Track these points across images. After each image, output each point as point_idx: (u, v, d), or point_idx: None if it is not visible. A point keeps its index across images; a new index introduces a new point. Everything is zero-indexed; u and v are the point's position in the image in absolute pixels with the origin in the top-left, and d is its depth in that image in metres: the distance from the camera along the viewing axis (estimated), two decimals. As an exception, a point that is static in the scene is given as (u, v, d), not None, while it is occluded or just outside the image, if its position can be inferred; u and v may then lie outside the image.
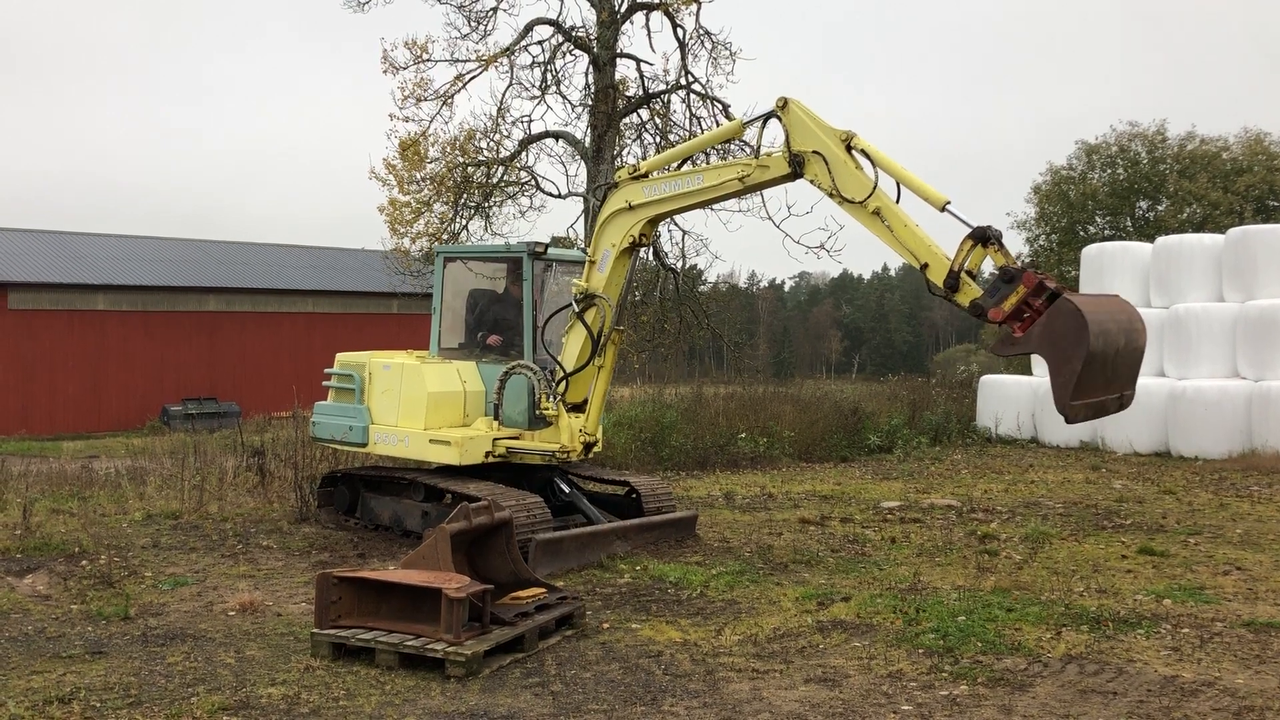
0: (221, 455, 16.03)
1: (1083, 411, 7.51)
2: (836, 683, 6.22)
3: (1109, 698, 5.94)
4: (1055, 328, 7.38)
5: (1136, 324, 7.96)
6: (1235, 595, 8.31)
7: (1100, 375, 7.47)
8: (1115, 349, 7.54)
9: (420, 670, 6.36)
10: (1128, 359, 7.80)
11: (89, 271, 33.23)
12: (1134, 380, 8.11)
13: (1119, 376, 7.78)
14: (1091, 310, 7.37)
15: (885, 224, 8.41)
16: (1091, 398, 7.53)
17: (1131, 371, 7.98)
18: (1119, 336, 7.60)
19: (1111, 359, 7.53)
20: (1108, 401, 7.86)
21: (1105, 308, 7.74)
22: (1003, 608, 7.74)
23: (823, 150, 8.74)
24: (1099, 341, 7.27)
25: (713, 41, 22.15)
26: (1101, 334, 7.33)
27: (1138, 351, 7.94)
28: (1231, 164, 33.03)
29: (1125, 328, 7.73)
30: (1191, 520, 11.74)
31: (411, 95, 22.36)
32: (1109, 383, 7.68)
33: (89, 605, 8.04)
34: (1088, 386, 7.37)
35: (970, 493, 13.92)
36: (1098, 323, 7.31)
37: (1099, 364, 7.36)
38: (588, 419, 10.11)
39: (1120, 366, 7.72)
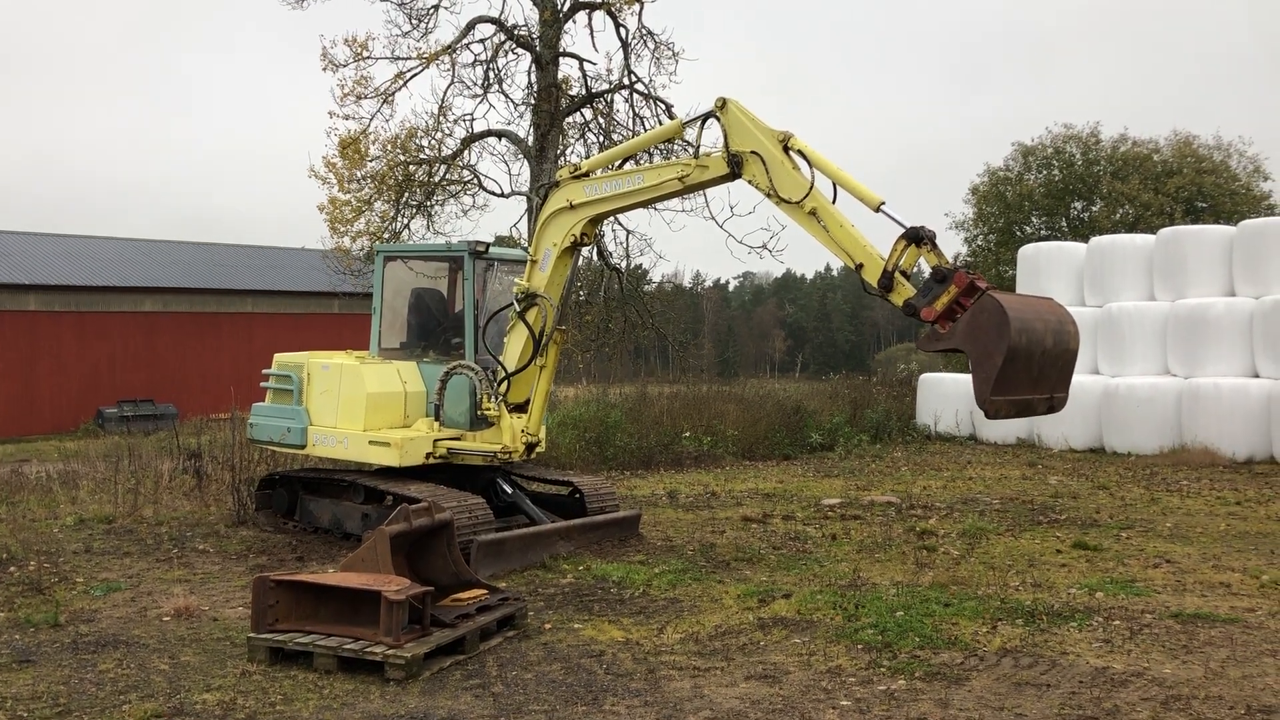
0: (157, 458, 15.74)
1: (1004, 408, 7.45)
2: (777, 679, 6.27)
3: (1043, 689, 6.05)
4: (978, 323, 7.38)
5: (1068, 327, 7.90)
6: (1164, 588, 8.51)
7: (1024, 373, 7.42)
8: (1042, 348, 7.52)
9: (359, 673, 6.30)
10: (1057, 360, 7.75)
11: (19, 271, 32.42)
12: (1066, 383, 8.05)
13: (1047, 377, 7.73)
14: (1016, 308, 7.37)
15: (821, 224, 8.45)
16: (1014, 395, 7.46)
17: (1062, 374, 7.92)
18: (1046, 337, 7.56)
19: (1037, 358, 7.49)
20: (1035, 401, 7.78)
21: (1033, 307, 7.73)
22: (940, 603, 7.85)
23: (760, 150, 8.78)
24: (1021, 338, 7.24)
25: (655, 41, 22.16)
26: (1025, 331, 7.30)
27: (1068, 354, 7.89)
28: (1162, 166, 33.78)
29: (1055, 329, 7.69)
30: (1124, 515, 12.00)
31: (351, 93, 22.10)
32: (1035, 382, 7.62)
33: (17, 613, 7.85)
34: (1009, 383, 7.32)
35: (909, 489, 14.10)
36: (1021, 320, 7.29)
37: (1022, 361, 7.32)
38: (530, 419, 10.07)
39: (1048, 367, 7.68)
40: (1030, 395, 7.68)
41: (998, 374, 7.20)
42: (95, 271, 34.00)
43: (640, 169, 9.89)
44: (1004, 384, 7.28)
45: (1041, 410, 7.96)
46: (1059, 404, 8.10)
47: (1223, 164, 34.00)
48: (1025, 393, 7.59)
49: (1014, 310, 7.29)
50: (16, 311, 31.59)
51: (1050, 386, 7.85)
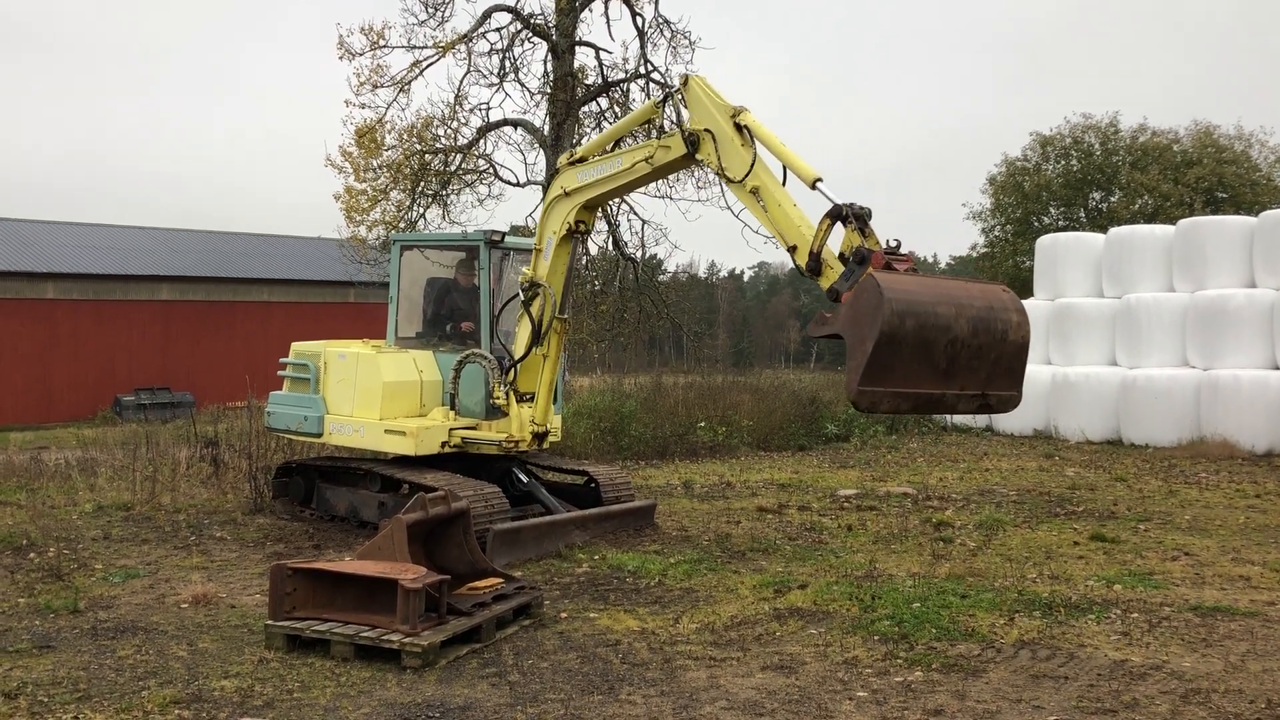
0: (175, 446, 15.83)
1: (883, 400, 6.69)
2: (793, 670, 6.26)
3: (1060, 682, 6.02)
4: (857, 306, 6.69)
5: (1007, 315, 7.04)
6: (1183, 580, 8.46)
7: (915, 363, 6.65)
8: (949, 337, 6.74)
9: (376, 661, 6.32)
10: (985, 353, 6.93)
11: (38, 259, 32.61)
12: (1010, 378, 7.14)
13: (968, 370, 6.89)
14: (903, 289, 6.61)
15: (761, 204, 8.10)
16: (896, 386, 6.68)
17: (998, 368, 7.03)
18: (958, 324, 6.76)
19: (941, 348, 6.72)
20: (943, 396, 6.95)
21: (942, 291, 6.88)
22: (957, 594, 7.82)
23: (713, 128, 8.48)
24: (904, 323, 6.52)
25: (672, 30, 22.12)
26: (913, 315, 6.56)
27: (1005, 346, 7.01)
28: (1182, 156, 33.56)
29: (977, 317, 6.87)
30: (1142, 507, 11.94)
31: (368, 82, 22.14)
32: (943, 374, 6.82)
33: (37, 599, 7.90)
34: (886, 373, 6.59)
35: (926, 481, 14.06)
36: (908, 303, 6.55)
37: (909, 349, 6.59)
38: (536, 408, 10.03)
39: (970, 359, 6.85)
40: (930, 389, 6.84)
41: (867, 361, 6.50)
42: (112, 260, 34.16)
43: (618, 153, 9.70)
44: (878, 373, 6.56)
45: (963, 408, 7.14)
46: (1000, 402, 7.21)
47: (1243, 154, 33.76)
48: (919, 385, 6.78)
49: (897, 292, 6.56)
50: (35, 300, 31.79)
51: (978, 381, 7.00)
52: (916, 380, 6.75)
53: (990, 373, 7.04)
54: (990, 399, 7.17)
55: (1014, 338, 7.07)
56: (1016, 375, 7.24)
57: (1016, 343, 7.09)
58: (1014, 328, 7.07)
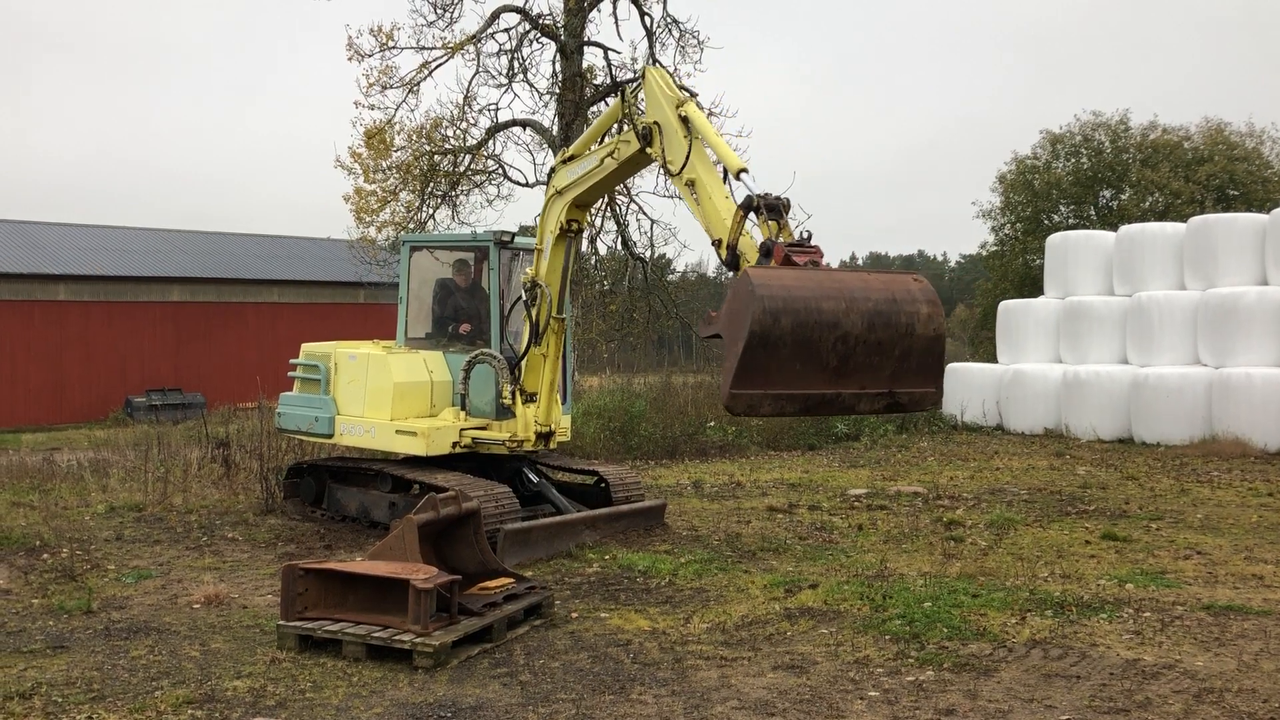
0: (186, 447, 15.89)
1: (763, 403, 6.24)
2: (804, 669, 6.25)
3: (1072, 681, 6.01)
4: (732, 304, 6.23)
5: (915, 309, 6.46)
6: (1196, 579, 8.43)
7: (791, 362, 6.17)
8: (838, 333, 6.23)
9: (388, 661, 6.33)
10: (888, 349, 6.41)
11: (49, 261, 32.74)
12: (906, 376, 6.52)
13: (856, 369, 6.36)
14: (780, 284, 6.15)
15: (695, 196, 7.83)
16: (774, 388, 6.20)
17: (906, 365, 6.49)
18: (851, 320, 6.25)
19: (830, 346, 6.23)
20: (839, 396, 6.43)
21: (831, 285, 6.33)
22: (968, 593, 7.81)
23: (660, 119, 8.29)
24: (778, 321, 6.04)
25: (680, 30, 22.14)
26: (785, 313, 6.06)
27: (912, 341, 6.46)
28: (1193, 154, 33.40)
29: (875, 313, 6.34)
30: (1153, 506, 11.89)
31: (377, 83, 22.21)
32: (835, 374, 6.32)
33: (50, 599, 7.94)
34: (761, 374, 6.15)
35: (936, 480, 14.03)
36: (779, 299, 6.07)
37: (789, 349, 6.12)
38: (539, 408, 10.02)
39: (858, 357, 6.34)
40: (820, 390, 6.35)
41: (738, 362, 6.07)
42: (124, 261, 34.28)
43: (594, 150, 9.56)
44: (752, 374, 6.11)
45: (866, 408, 6.61)
46: (914, 401, 6.66)
47: (1255, 151, 33.59)
48: (805, 386, 6.30)
49: (772, 288, 6.10)
50: (47, 301, 31.92)
51: (883, 380, 6.48)
52: (802, 381, 6.27)
53: (897, 370, 6.50)
54: (900, 398, 6.60)
55: (923, 331, 6.49)
56: (931, 371, 6.65)
57: (927, 337, 6.51)
58: (922, 320, 6.49)
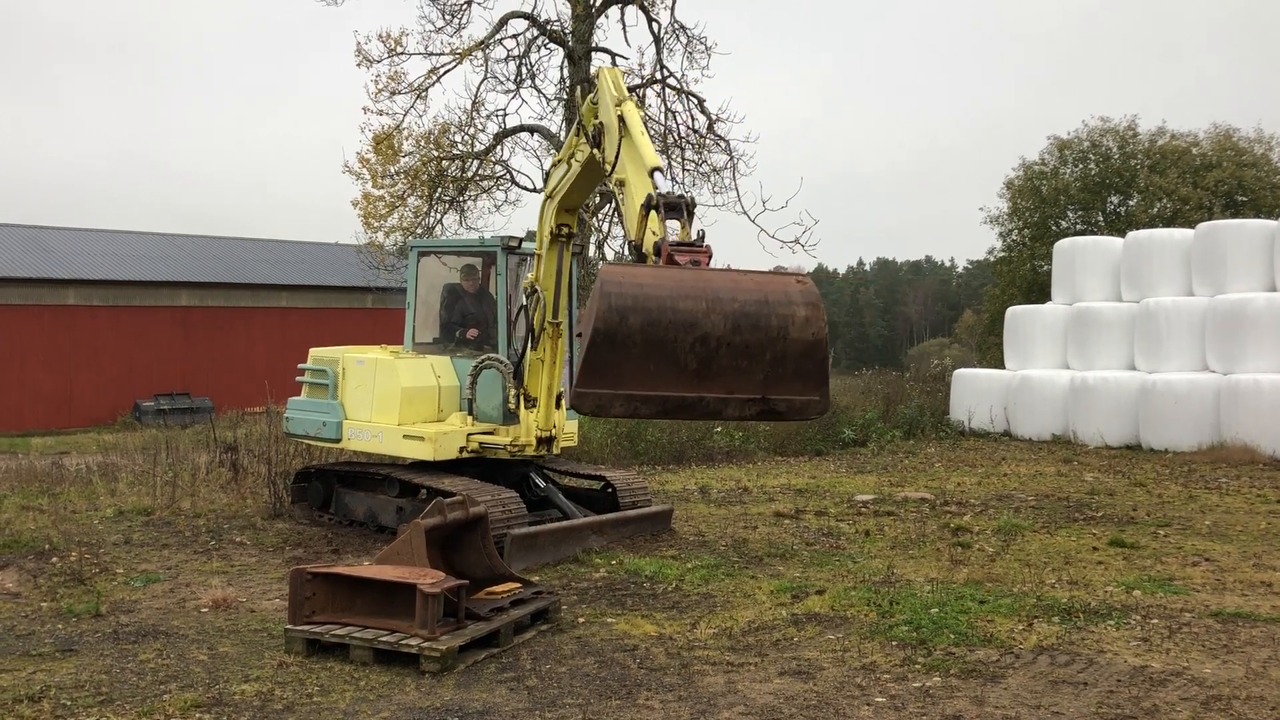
0: (194, 451, 15.94)
1: (612, 404, 6.03)
2: (811, 675, 6.25)
3: (1080, 688, 6.00)
4: (590, 302, 6.07)
5: (782, 310, 6.11)
6: (1204, 586, 8.41)
7: (643, 362, 5.94)
8: (697, 334, 5.97)
9: (395, 666, 6.35)
10: (746, 352, 6.08)
11: (59, 266, 32.88)
12: (781, 382, 6.15)
13: (720, 372, 6.07)
14: (631, 282, 5.97)
15: (622, 196, 7.71)
16: (625, 389, 5.98)
17: (764, 369, 6.16)
18: (713, 321, 5.97)
19: (689, 346, 5.98)
20: (704, 400, 6.14)
21: (687, 284, 6.08)
22: (975, 600, 7.80)
23: (605, 120, 8.19)
24: (624, 319, 5.86)
25: (688, 36, 22.17)
26: (635, 311, 5.87)
27: (774, 344, 6.11)
28: (1201, 159, 33.35)
29: (740, 313, 6.04)
30: (1161, 512, 11.87)
31: (385, 88, 22.27)
32: (684, 375, 6.04)
33: (59, 602, 7.97)
34: (610, 374, 5.93)
35: (943, 486, 14.01)
36: (629, 297, 5.89)
37: (635, 348, 5.91)
38: (539, 413, 10.02)
39: (722, 359, 6.05)
40: (679, 392, 6.08)
41: (583, 360, 5.93)
42: (132, 266, 34.42)
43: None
44: (599, 373, 5.92)
45: (734, 414, 6.30)
46: (792, 408, 6.28)
47: (1263, 157, 33.52)
48: (662, 388, 6.05)
49: (625, 286, 5.94)
50: (56, 306, 32.06)
51: (753, 384, 6.16)
52: (657, 382, 6.02)
53: (771, 375, 6.15)
54: (777, 405, 6.25)
55: (798, 335, 6.12)
56: (811, 377, 6.24)
57: (804, 341, 6.13)
58: (797, 323, 6.12)
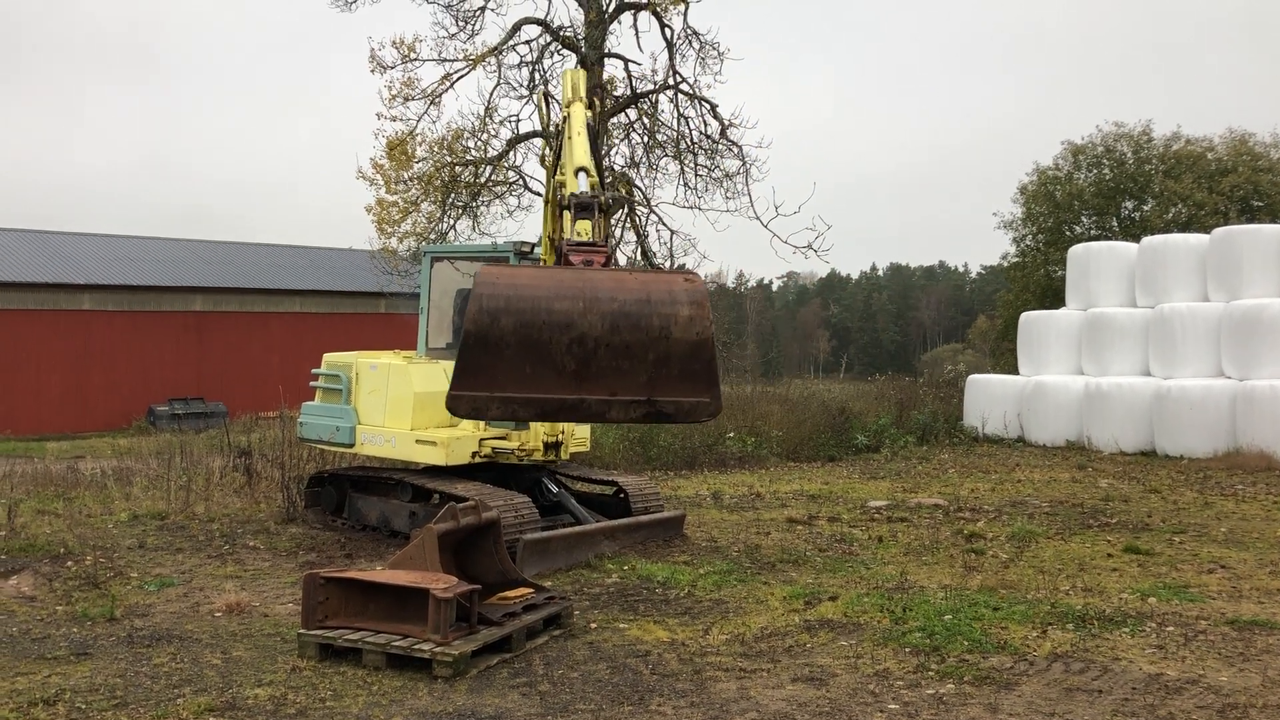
0: (208, 455, 15.99)
1: (489, 406, 5.90)
2: (823, 682, 6.24)
3: (1094, 696, 5.97)
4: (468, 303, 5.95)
5: (664, 310, 5.88)
6: (1220, 593, 8.36)
7: (519, 364, 5.80)
8: (572, 335, 5.79)
9: (407, 670, 6.35)
10: (626, 353, 5.86)
11: (74, 271, 33.08)
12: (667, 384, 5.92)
13: (601, 374, 5.87)
14: (505, 283, 5.87)
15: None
16: (501, 391, 5.84)
17: (648, 371, 5.90)
18: (585, 321, 5.80)
19: (565, 347, 5.81)
20: (585, 403, 5.95)
21: (566, 283, 5.93)
22: (989, 606, 7.77)
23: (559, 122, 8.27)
24: (495, 320, 5.76)
25: (700, 41, 22.18)
26: (507, 312, 5.76)
27: (656, 345, 5.87)
28: (1216, 164, 33.19)
29: (619, 313, 5.85)
30: (1177, 519, 11.80)
31: (399, 95, 22.33)
32: (562, 376, 5.86)
33: (74, 606, 8.00)
34: (485, 375, 5.81)
35: (957, 492, 13.97)
36: (501, 298, 5.79)
37: (509, 349, 5.79)
38: None
39: (602, 361, 5.85)
40: (557, 394, 5.91)
41: (457, 362, 5.80)
42: (147, 271, 34.61)
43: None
44: (474, 375, 5.81)
45: (619, 416, 6.09)
46: (681, 411, 6.02)
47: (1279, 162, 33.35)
48: (539, 389, 5.89)
49: (499, 286, 5.84)
50: (72, 311, 32.26)
51: (637, 386, 5.92)
52: (534, 384, 5.86)
53: (655, 376, 5.91)
54: (664, 407, 5.99)
55: (682, 335, 5.87)
56: (699, 378, 5.95)
57: (688, 341, 5.87)
58: (680, 323, 5.86)
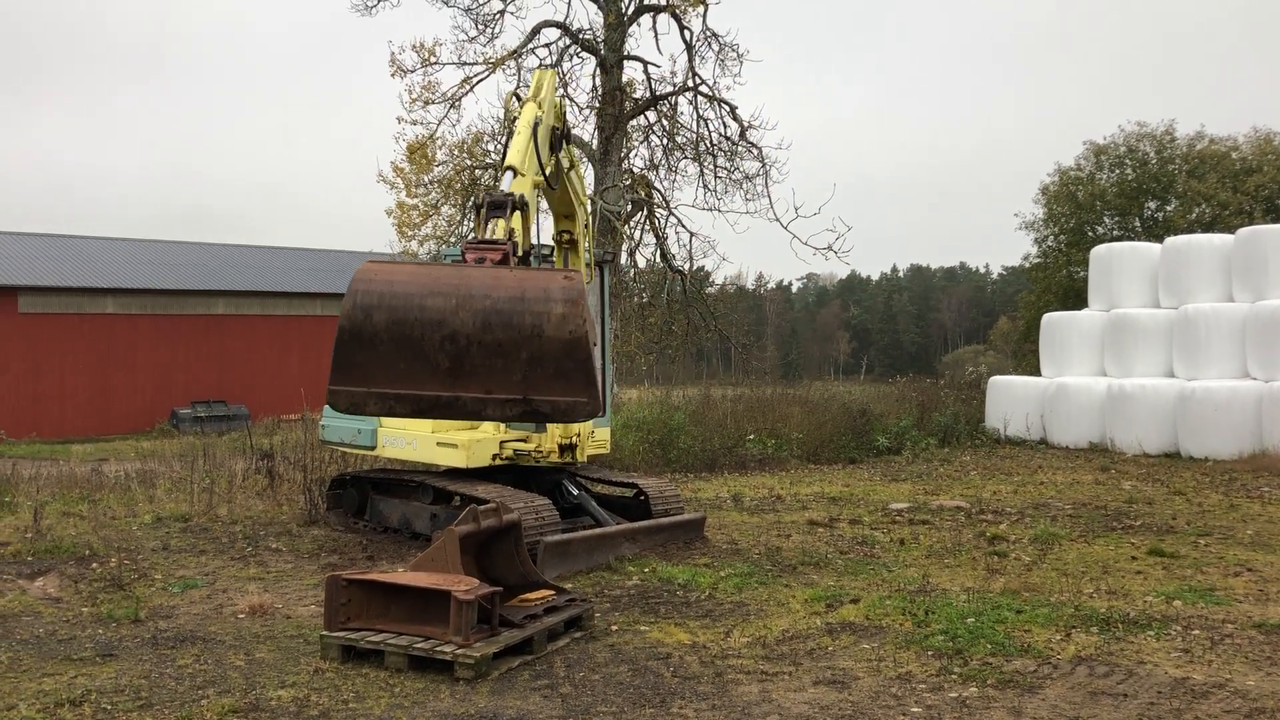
0: (231, 458, 16.08)
1: (367, 402, 5.92)
2: (846, 685, 6.21)
3: (1119, 699, 5.92)
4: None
5: (537, 308, 5.82)
6: (1246, 597, 8.28)
7: (394, 361, 5.82)
8: (442, 333, 5.76)
9: (429, 672, 6.37)
10: (499, 351, 5.80)
11: (97, 275, 33.35)
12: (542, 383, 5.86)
13: (474, 372, 5.83)
14: (381, 279, 5.88)
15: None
16: (377, 387, 5.87)
17: (522, 369, 5.83)
18: (457, 319, 5.78)
19: (437, 344, 5.78)
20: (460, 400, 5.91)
21: (441, 280, 5.93)
22: (1012, 609, 7.72)
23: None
24: (368, 316, 5.77)
25: (720, 43, 22.19)
26: (380, 309, 5.78)
27: (529, 343, 5.79)
28: (1241, 164, 32.94)
29: (491, 310, 5.81)
30: (1202, 521, 11.70)
31: (419, 98, 22.43)
32: (437, 374, 5.85)
33: (99, 608, 8.06)
34: (360, 371, 5.84)
35: (979, 494, 13.90)
36: (375, 295, 5.81)
37: (383, 346, 5.79)
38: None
39: (474, 359, 5.82)
40: (432, 391, 5.90)
41: (333, 358, 5.84)
42: (170, 275, 34.86)
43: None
44: (350, 371, 5.84)
45: (495, 414, 6.07)
46: (558, 411, 5.94)
47: (1305, 161, 33.06)
48: (414, 386, 5.88)
49: (375, 283, 5.85)
50: (95, 314, 32.52)
51: (512, 385, 5.87)
52: (409, 381, 5.86)
53: (530, 375, 5.84)
54: (540, 406, 5.91)
55: (554, 333, 5.78)
56: (574, 377, 5.83)
57: (561, 339, 5.78)
58: (553, 321, 5.78)
